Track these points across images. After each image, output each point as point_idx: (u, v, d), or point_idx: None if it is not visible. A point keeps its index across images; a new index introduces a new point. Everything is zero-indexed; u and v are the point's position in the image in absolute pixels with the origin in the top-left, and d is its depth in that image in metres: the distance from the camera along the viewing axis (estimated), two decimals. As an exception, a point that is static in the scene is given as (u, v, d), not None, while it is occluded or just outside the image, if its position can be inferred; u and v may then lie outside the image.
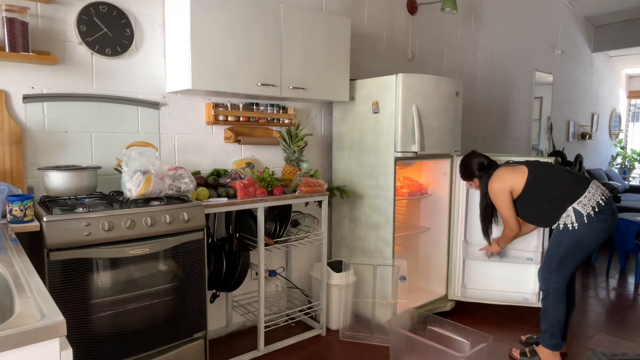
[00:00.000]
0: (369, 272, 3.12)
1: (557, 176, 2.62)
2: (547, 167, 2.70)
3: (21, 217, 1.81)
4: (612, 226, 2.50)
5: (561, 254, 2.54)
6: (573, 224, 2.48)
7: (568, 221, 2.50)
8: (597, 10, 6.59)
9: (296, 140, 2.90)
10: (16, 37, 2.02)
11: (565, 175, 2.62)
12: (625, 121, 9.00)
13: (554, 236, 2.58)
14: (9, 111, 2.13)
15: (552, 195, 2.56)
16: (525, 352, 2.70)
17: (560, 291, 2.57)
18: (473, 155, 2.87)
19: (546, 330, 2.62)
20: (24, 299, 1.00)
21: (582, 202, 2.48)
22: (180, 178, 2.20)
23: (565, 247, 2.52)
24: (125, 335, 1.99)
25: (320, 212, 2.98)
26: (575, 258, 2.53)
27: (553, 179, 2.61)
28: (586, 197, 2.49)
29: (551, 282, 2.58)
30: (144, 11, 2.51)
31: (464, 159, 2.94)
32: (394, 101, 2.90)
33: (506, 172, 2.70)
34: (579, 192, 2.51)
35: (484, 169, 2.79)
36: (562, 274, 2.56)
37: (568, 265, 2.55)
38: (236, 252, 2.61)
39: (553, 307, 2.59)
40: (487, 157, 2.84)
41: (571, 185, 2.56)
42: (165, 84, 2.61)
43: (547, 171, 2.66)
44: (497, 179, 2.70)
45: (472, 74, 4.79)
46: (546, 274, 2.61)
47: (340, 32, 3.00)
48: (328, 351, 2.82)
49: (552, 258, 2.58)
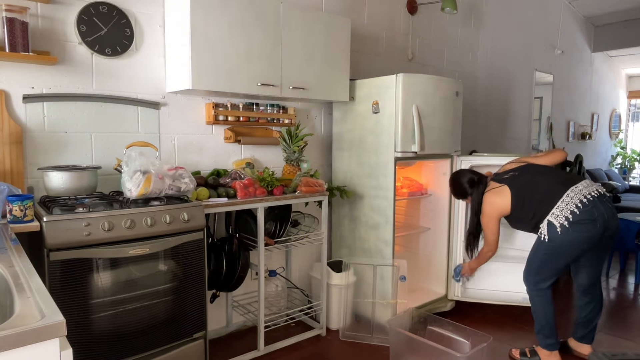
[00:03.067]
0: (369, 272, 3.12)
1: (535, 190, 2.56)
2: (526, 182, 2.61)
3: (21, 217, 1.81)
4: (593, 235, 2.40)
5: (539, 259, 2.56)
6: (545, 236, 2.48)
7: (543, 232, 2.50)
8: (597, 10, 6.59)
9: (296, 140, 2.90)
10: (16, 37, 2.02)
11: (543, 185, 2.56)
12: (625, 121, 9.00)
13: (534, 243, 2.60)
14: (9, 111, 2.13)
15: (532, 212, 2.55)
16: (525, 352, 2.71)
17: (542, 292, 2.58)
18: (461, 175, 2.87)
19: (538, 331, 2.64)
20: (24, 299, 1.00)
21: (555, 214, 2.45)
22: (180, 178, 2.20)
23: (543, 255, 2.53)
24: (125, 335, 1.99)
25: (320, 212, 2.98)
26: (555, 264, 2.52)
27: (532, 194, 2.56)
28: (559, 207, 2.44)
29: (532, 283, 2.62)
30: (144, 11, 2.51)
31: (453, 179, 2.93)
32: (394, 101, 2.90)
33: (494, 196, 2.67)
34: (553, 202, 2.48)
35: (474, 185, 2.78)
36: (542, 277, 2.57)
37: (547, 269, 2.55)
38: (236, 252, 2.61)
39: (538, 309, 2.61)
40: (474, 172, 2.84)
41: (546, 196, 2.51)
42: (165, 84, 2.61)
43: (526, 187, 2.59)
44: (488, 206, 2.68)
45: (472, 74, 4.79)
46: (526, 275, 2.64)
47: (340, 32, 3.00)
48: (328, 351, 2.82)
49: (532, 262, 2.61)
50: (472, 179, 2.80)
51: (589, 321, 2.70)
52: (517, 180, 2.64)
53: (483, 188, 2.74)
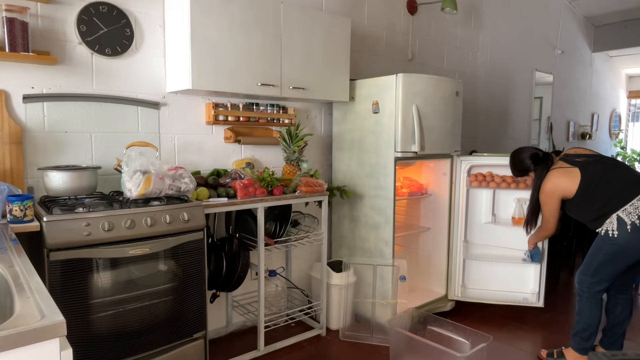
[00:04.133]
0: (369, 272, 3.12)
1: (609, 181, 2.46)
2: (602, 171, 2.49)
3: (21, 217, 1.81)
4: None
5: (599, 260, 2.45)
6: (614, 232, 2.37)
7: (610, 228, 2.39)
8: (597, 10, 6.58)
9: (296, 140, 2.90)
10: (16, 37, 2.02)
11: (619, 179, 2.45)
12: (625, 121, 9.00)
13: (596, 240, 2.49)
14: (9, 111, 2.13)
15: (601, 203, 2.44)
16: (553, 353, 2.67)
17: (593, 295, 2.50)
18: (525, 150, 2.75)
19: (577, 333, 2.57)
20: (24, 299, 1.00)
21: (628, 210, 2.35)
22: (180, 178, 2.20)
23: (605, 254, 2.42)
24: (125, 335, 1.99)
25: (320, 212, 2.98)
26: (615, 266, 2.42)
27: (605, 184, 2.45)
28: (633, 204, 2.35)
29: (585, 285, 2.52)
30: (144, 11, 2.51)
31: (514, 154, 2.81)
32: (394, 101, 2.90)
33: (560, 175, 2.55)
34: (627, 199, 2.37)
35: (539, 161, 2.66)
36: (598, 279, 2.47)
37: (606, 271, 2.44)
38: (236, 252, 2.61)
39: (585, 311, 2.52)
40: (538, 149, 2.72)
41: (621, 190, 2.41)
42: (165, 84, 2.61)
43: (600, 176, 2.48)
44: (550, 183, 2.56)
45: (472, 74, 4.78)
46: (582, 276, 2.54)
47: (340, 32, 3.00)
48: (328, 351, 2.82)
49: (590, 262, 2.49)
50: (537, 154, 2.68)
51: (618, 324, 2.62)
52: (592, 167, 2.51)
53: (550, 164, 2.63)
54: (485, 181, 3.34)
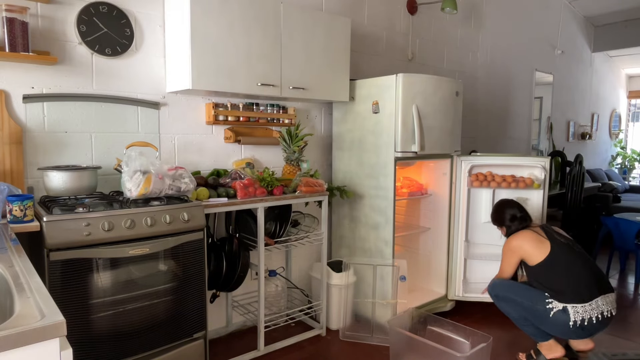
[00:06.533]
0: (369, 272, 3.12)
1: (575, 271, 2.47)
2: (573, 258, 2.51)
3: (21, 217, 1.81)
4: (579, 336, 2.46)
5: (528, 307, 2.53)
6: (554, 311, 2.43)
7: (554, 310, 2.43)
8: (597, 10, 6.59)
9: (296, 140, 2.90)
10: (16, 37, 2.02)
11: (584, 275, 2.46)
12: (625, 121, 9.00)
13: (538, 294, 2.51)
14: (9, 111, 2.13)
15: (559, 287, 2.46)
16: (531, 355, 2.71)
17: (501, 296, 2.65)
18: (509, 205, 2.79)
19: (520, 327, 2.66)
20: (24, 299, 1.00)
21: (577, 309, 2.39)
22: (180, 178, 2.20)
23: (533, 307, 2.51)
24: (125, 335, 1.99)
25: (320, 212, 2.98)
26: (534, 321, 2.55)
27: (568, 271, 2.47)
28: (584, 307, 2.38)
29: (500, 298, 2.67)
30: (144, 11, 2.51)
31: (500, 203, 2.86)
32: (394, 101, 2.90)
33: (530, 240, 2.58)
34: (583, 298, 2.40)
35: (515, 220, 2.72)
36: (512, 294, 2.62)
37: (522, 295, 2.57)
38: (236, 252, 2.61)
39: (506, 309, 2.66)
40: (522, 210, 2.75)
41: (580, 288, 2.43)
42: (165, 84, 2.61)
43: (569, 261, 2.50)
44: (517, 241, 2.61)
45: (472, 74, 4.79)
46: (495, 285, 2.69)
47: (340, 32, 3.00)
48: (328, 351, 2.82)
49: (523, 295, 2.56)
50: (515, 215, 2.72)
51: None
52: (563, 248, 2.54)
53: (524, 226, 2.68)
54: (485, 181, 3.34)
